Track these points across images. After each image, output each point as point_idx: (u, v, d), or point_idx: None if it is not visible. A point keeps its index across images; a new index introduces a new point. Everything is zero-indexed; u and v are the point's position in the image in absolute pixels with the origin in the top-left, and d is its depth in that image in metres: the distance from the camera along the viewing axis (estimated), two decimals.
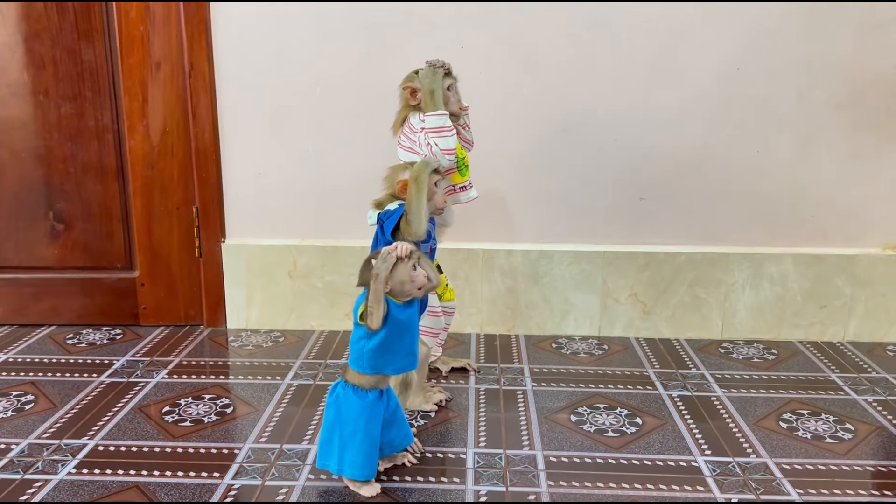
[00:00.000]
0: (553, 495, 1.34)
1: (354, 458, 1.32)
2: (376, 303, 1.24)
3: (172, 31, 2.04)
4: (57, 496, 1.34)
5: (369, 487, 1.34)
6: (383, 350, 1.28)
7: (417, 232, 1.47)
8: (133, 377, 1.86)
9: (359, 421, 1.31)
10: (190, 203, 2.15)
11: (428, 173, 1.48)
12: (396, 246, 1.26)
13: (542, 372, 1.91)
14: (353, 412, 1.31)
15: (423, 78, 1.62)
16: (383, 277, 1.24)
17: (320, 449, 1.36)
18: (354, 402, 1.31)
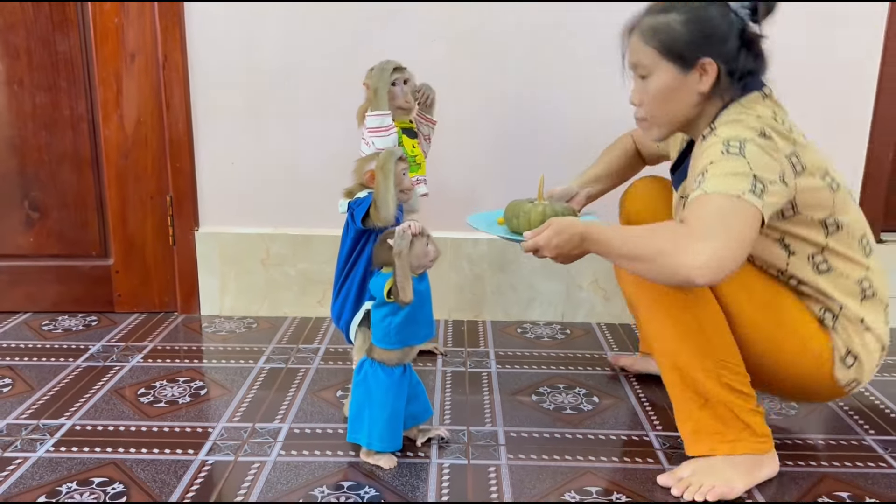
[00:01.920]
0: (511, 467, 1.42)
1: (383, 431, 1.40)
2: (405, 277, 1.33)
3: (146, 23, 2.08)
4: (36, 472, 1.39)
5: (386, 459, 1.43)
6: (408, 322, 1.37)
7: (386, 217, 1.53)
8: (109, 361, 1.91)
9: (387, 396, 1.40)
10: (164, 192, 2.19)
11: (394, 161, 1.54)
12: (410, 224, 1.35)
13: (506, 355, 1.99)
14: (381, 388, 1.40)
15: (372, 76, 1.70)
16: (406, 253, 1.32)
17: (350, 425, 1.44)
18: (383, 379, 1.40)
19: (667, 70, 1.35)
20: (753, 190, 1.22)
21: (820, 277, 1.38)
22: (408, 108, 1.77)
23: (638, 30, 1.37)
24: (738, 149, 1.25)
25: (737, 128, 1.29)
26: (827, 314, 1.39)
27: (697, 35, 1.32)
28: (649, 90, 1.38)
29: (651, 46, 1.34)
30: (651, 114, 1.40)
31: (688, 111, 1.38)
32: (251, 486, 1.35)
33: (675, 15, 1.33)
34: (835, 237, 1.37)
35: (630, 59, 1.41)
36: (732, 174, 1.23)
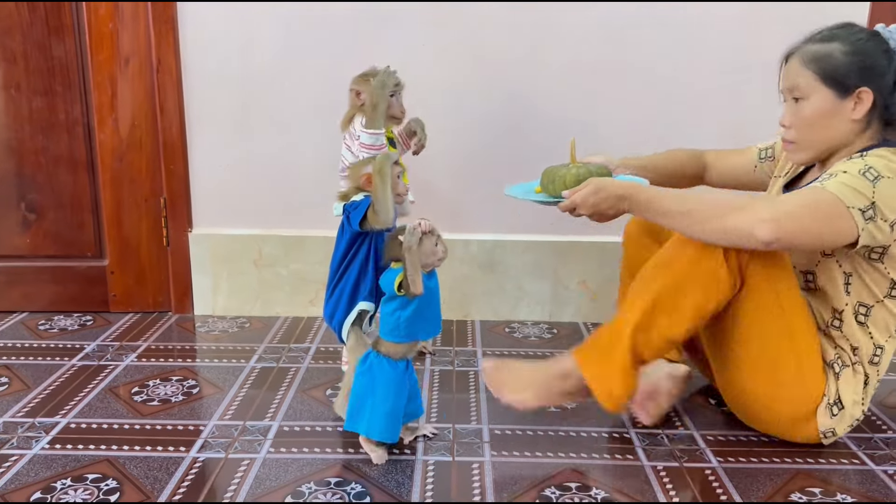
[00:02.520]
0: (494, 464, 1.46)
1: (383, 422, 1.44)
2: (416, 271, 1.37)
3: (140, 28, 2.12)
4: (31, 469, 1.43)
5: (381, 454, 1.47)
6: (417, 317, 1.42)
7: (385, 220, 1.56)
8: (103, 360, 1.95)
9: (390, 388, 1.44)
10: (158, 194, 2.23)
11: (390, 164, 1.57)
12: (420, 222, 1.39)
13: (494, 355, 2.03)
14: (385, 379, 1.44)
15: (373, 89, 1.72)
16: (416, 248, 1.37)
17: (350, 412, 1.48)
18: (388, 371, 1.44)
19: (823, 95, 1.40)
20: (864, 212, 1.30)
21: (855, 325, 1.44)
22: (401, 118, 1.82)
23: (799, 54, 1.43)
24: (873, 177, 1.31)
25: (883, 161, 1.34)
26: (839, 360, 1.46)
27: (858, 65, 1.38)
28: (803, 113, 1.43)
29: (811, 70, 1.40)
30: (801, 137, 1.46)
31: (838, 138, 1.43)
32: (240, 482, 1.39)
33: (837, 44, 1.39)
34: (891, 300, 1.43)
35: (786, 82, 1.46)
36: (855, 189, 1.31)
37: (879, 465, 1.49)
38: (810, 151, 1.46)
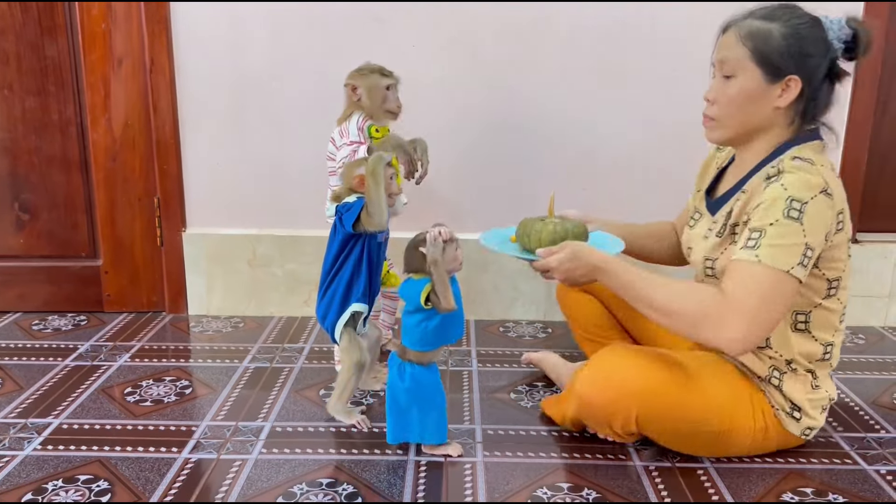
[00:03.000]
0: (486, 464, 1.46)
1: (436, 425, 1.46)
2: (445, 285, 1.37)
3: (133, 28, 2.11)
4: (23, 470, 1.43)
5: (453, 447, 1.49)
6: (445, 325, 1.42)
7: (380, 222, 1.55)
8: (97, 361, 1.95)
9: (436, 393, 1.46)
10: (151, 194, 2.23)
11: (383, 166, 1.57)
12: (440, 231, 1.38)
13: (487, 354, 2.03)
14: (431, 386, 1.45)
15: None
16: (441, 261, 1.36)
17: (395, 426, 1.48)
18: (429, 378, 1.45)
19: (753, 75, 1.37)
20: (802, 262, 1.28)
21: (792, 335, 1.42)
22: (397, 113, 1.80)
23: (736, 28, 1.39)
24: (798, 211, 1.28)
25: (803, 179, 1.29)
26: (774, 372, 1.44)
27: (794, 50, 1.35)
28: (729, 91, 1.40)
29: (745, 47, 1.37)
30: (722, 114, 1.42)
31: (759, 122, 1.41)
32: (232, 483, 1.39)
33: (777, 25, 1.36)
34: (830, 300, 1.41)
35: (719, 54, 1.43)
36: (787, 246, 1.27)
37: (871, 464, 1.49)
38: (729, 131, 1.43)
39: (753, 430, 1.43)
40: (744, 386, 1.44)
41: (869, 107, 2.13)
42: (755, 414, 1.43)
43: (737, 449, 1.47)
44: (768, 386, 1.44)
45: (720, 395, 1.41)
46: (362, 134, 1.79)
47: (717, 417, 1.41)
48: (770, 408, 1.44)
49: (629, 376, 1.38)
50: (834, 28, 1.36)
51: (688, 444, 1.45)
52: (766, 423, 1.44)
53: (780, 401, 1.44)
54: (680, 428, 1.41)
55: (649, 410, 1.39)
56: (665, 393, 1.38)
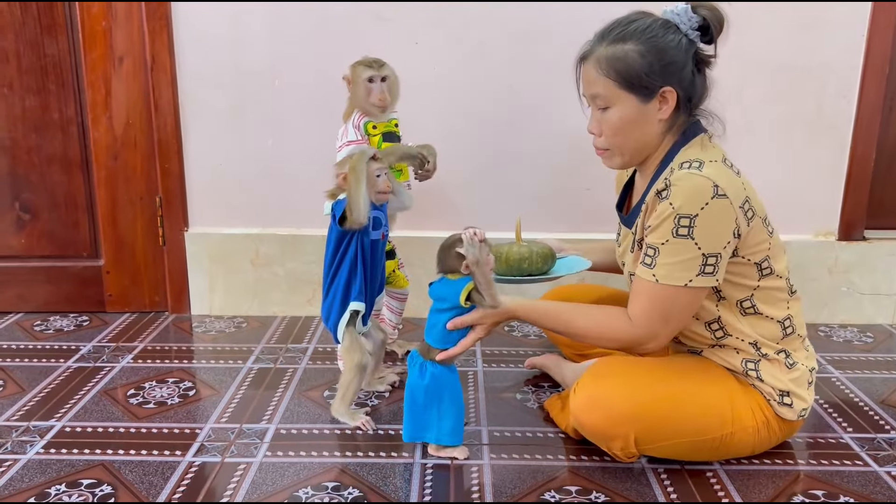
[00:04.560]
0: (494, 466, 1.45)
1: (453, 426, 1.45)
2: (489, 284, 1.38)
3: (134, 26, 2.09)
4: (26, 474, 1.41)
5: (460, 450, 1.48)
6: None
7: (357, 219, 1.53)
8: (99, 362, 1.93)
9: (455, 393, 1.45)
10: (153, 193, 2.21)
11: (364, 162, 1.55)
12: (475, 231, 1.37)
13: (493, 354, 2.01)
14: (450, 386, 1.45)
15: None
16: (483, 261, 1.36)
17: (412, 424, 1.47)
18: (450, 378, 1.45)
19: (628, 102, 1.36)
20: (703, 271, 1.30)
21: (744, 320, 1.41)
22: (382, 106, 1.75)
23: (593, 59, 1.37)
24: (686, 228, 1.28)
25: (690, 189, 1.28)
26: (749, 364, 1.42)
27: (657, 65, 1.33)
28: (609, 121, 1.39)
29: (609, 77, 1.35)
30: (612, 144, 1.41)
31: (650, 139, 1.40)
32: (237, 487, 1.38)
33: (632, 45, 1.33)
34: (767, 279, 1.40)
35: (586, 90, 1.41)
36: (682, 262, 1.29)
37: (883, 466, 1.48)
38: (625, 156, 1.42)
39: (756, 427, 1.42)
40: (736, 385, 1.42)
41: (877, 104, 2.11)
42: (753, 411, 1.41)
43: (742, 448, 1.45)
44: (749, 380, 1.42)
45: (716, 401, 1.39)
46: (359, 132, 1.77)
47: (717, 423, 1.39)
48: (765, 400, 1.42)
49: (619, 400, 1.36)
50: (683, 20, 1.35)
51: (692, 453, 1.43)
52: (765, 417, 1.42)
53: (769, 391, 1.41)
54: (681, 442, 1.39)
55: (646, 432, 1.37)
56: (659, 410, 1.36)
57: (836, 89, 2.11)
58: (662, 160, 1.40)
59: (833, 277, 2.23)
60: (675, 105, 1.36)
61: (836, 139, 2.15)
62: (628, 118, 1.37)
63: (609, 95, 1.36)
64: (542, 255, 1.60)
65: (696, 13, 1.35)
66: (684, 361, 1.47)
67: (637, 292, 1.36)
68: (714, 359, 1.45)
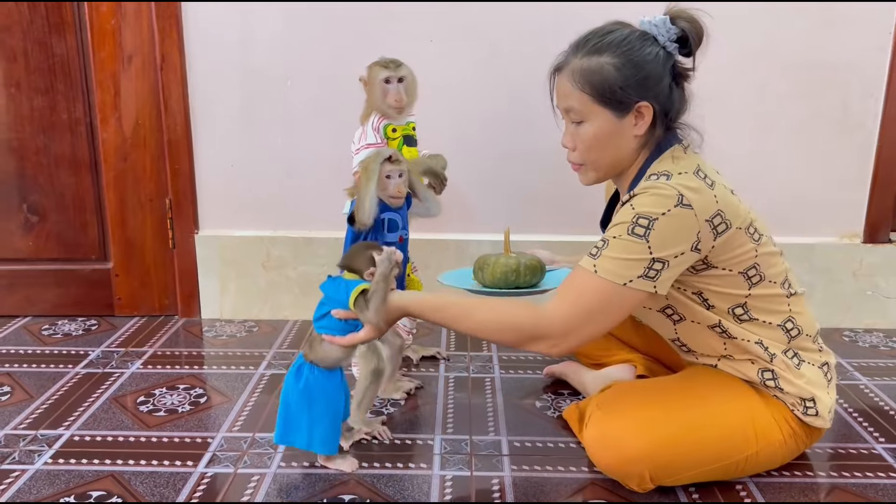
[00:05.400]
0: (515, 479, 1.40)
1: (325, 435, 1.38)
2: (382, 301, 1.29)
3: (143, 25, 2.05)
4: (33, 486, 1.37)
5: (348, 463, 1.42)
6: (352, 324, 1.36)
7: (361, 219, 1.50)
8: (108, 368, 1.89)
9: (329, 400, 1.38)
10: (163, 195, 2.17)
11: (378, 162, 1.51)
12: (396, 251, 1.31)
13: (509, 360, 1.96)
14: (323, 392, 1.37)
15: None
16: (392, 277, 1.30)
17: (281, 425, 1.40)
18: (324, 384, 1.38)
19: (602, 117, 1.30)
20: (646, 274, 1.23)
21: (742, 325, 1.35)
22: (398, 107, 1.71)
23: (568, 72, 1.32)
24: (644, 229, 1.22)
25: (653, 197, 1.23)
26: (765, 374, 1.36)
27: (633, 79, 1.27)
28: (584, 136, 1.33)
29: (584, 91, 1.30)
30: (587, 159, 1.36)
31: (625, 155, 1.34)
32: (251, 499, 1.33)
33: (607, 57, 1.28)
34: (758, 287, 1.34)
35: (560, 103, 1.36)
36: (626, 259, 1.23)
37: None
38: (600, 172, 1.37)
39: (782, 440, 1.36)
40: (757, 398, 1.36)
41: None
42: (779, 423, 1.36)
43: (770, 463, 1.40)
44: (770, 391, 1.37)
45: (737, 421, 1.33)
46: (378, 135, 1.72)
47: (740, 445, 1.33)
48: (789, 411, 1.37)
49: (631, 439, 1.30)
50: (661, 32, 1.29)
51: (716, 476, 1.37)
52: (791, 429, 1.37)
53: (793, 401, 1.36)
54: (702, 471, 1.33)
55: (663, 468, 1.31)
56: (676, 443, 1.30)
57: (862, 88, 2.06)
58: (636, 175, 1.35)
59: (858, 280, 2.17)
60: (651, 120, 1.30)
61: (862, 139, 2.09)
62: (603, 133, 1.31)
63: (583, 110, 1.31)
64: (531, 267, 1.55)
65: (674, 24, 1.29)
66: (699, 379, 1.41)
67: (568, 282, 1.27)
68: (730, 371, 1.39)
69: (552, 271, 1.64)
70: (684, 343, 1.43)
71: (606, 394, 1.41)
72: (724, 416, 1.33)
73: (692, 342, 1.42)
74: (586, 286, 1.25)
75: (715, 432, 1.32)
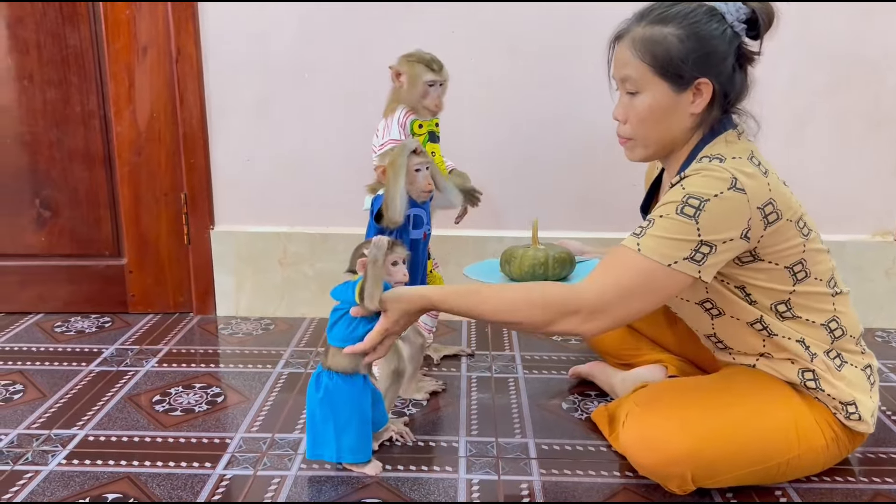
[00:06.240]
0: (545, 483, 1.35)
1: (353, 443, 1.34)
2: (375, 284, 1.26)
3: (159, 15, 2.01)
4: (48, 487, 1.33)
5: (372, 466, 1.37)
6: None
7: (392, 217, 1.46)
8: (122, 366, 1.85)
9: (353, 407, 1.33)
10: (178, 189, 2.13)
11: (405, 156, 1.47)
12: (389, 241, 1.30)
13: (533, 359, 1.91)
14: (346, 399, 1.33)
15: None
16: (380, 262, 1.27)
17: (311, 440, 1.36)
18: (345, 389, 1.33)
19: (659, 89, 1.25)
20: (692, 257, 1.17)
21: (784, 322, 1.30)
22: (437, 111, 1.69)
23: (629, 39, 1.26)
24: (694, 209, 1.16)
25: (705, 179, 1.18)
26: (806, 375, 1.30)
27: (695, 53, 1.22)
28: (637, 108, 1.27)
29: (643, 61, 1.24)
30: (637, 133, 1.30)
31: (677, 133, 1.29)
32: (271, 502, 1.29)
33: (672, 28, 1.22)
34: (803, 284, 1.28)
35: (617, 72, 1.30)
36: (673, 239, 1.17)
37: None
38: (649, 149, 1.31)
39: (825, 444, 1.31)
40: (799, 401, 1.31)
41: None
42: (822, 427, 1.30)
43: (811, 468, 1.34)
44: (811, 392, 1.31)
45: (779, 423, 1.28)
46: (404, 131, 1.67)
47: (782, 448, 1.27)
48: (832, 414, 1.31)
49: (674, 440, 1.24)
50: (731, 10, 1.23)
51: (755, 481, 1.32)
52: (834, 433, 1.31)
53: (835, 405, 1.30)
54: (743, 473, 1.28)
55: (705, 468, 1.25)
56: (718, 444, 1.24)
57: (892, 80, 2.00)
58: (687, 157, 1.29)
59: (890, 280, 2.11)
60: (709, 99, 1.24)
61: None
62: (658, 107, 1.26)
63: (640, 80, 1.25)
64: (560, 259, 1.49)
65: (745, 4, 1.24)
66: (739, 379, 1.36)
67: (609, 259, 1.22)
68: (769, 371, 1.34)
69: (583, 262, 1.58)
70: (721, 339, 1.38)
71: (643, 393, 1.36)
72: (767, 416, 1.28)
73: (730, 339, 1.36)
74: (628, 264, 1.19)
75: (758, 433, 1.27)
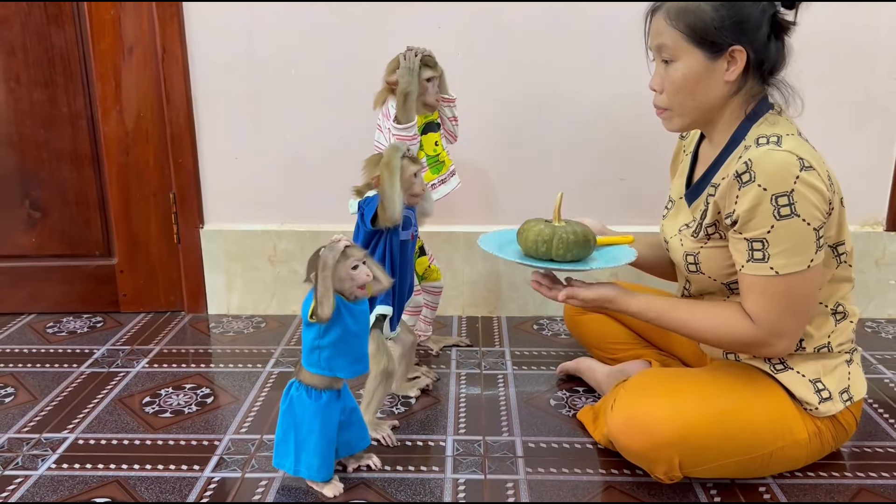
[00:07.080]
0: (530, 482, 1.36)
1: (311, 459, 1.31)
2: (327, 291, 1.21)
3: (144, 15, 2.00)
4: (37, 493, 1.34)
5: (331, 487, 1.33)
6: (338, 350, 1.27)
7: (392, 216, 1.46)
8: (113, 367, 1.86)
9: (314, 422, 1.30)
10: (167, 189, 2.13)
11: (398, 157, 1.47)
12: (342, 238, 1.25)
13: (522, 355, 1.92)
14: (307, 413, 1.30)
15: (401, 77, 1.62)
16: (331, 265, 1.21)
17: (276, 448, 1.34)
18: (308, 404, 1.30)
19: (694, 57, 1.25)
20: (819, 246, 1.20)
21: None
22: (435, 107, 1.71)
23: (664, 9, 1.27)
24: (789, 207, 1.17)
25: (775, 166, 1.18)
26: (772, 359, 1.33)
27: (730, 20, 1.22)
28: (673, 77, 1.28)
29: (678, 30, 1.25)
30: (674, 102, 1.31)
31: (713, 102, 1.29)
32: None
33: None
34: (840, 269, 1.31)
35: (653, 41, 1.31)
36: (798, 245, 1.19)
37: None
38: (686, 118, 1.32)
39: (807, 439, 1.31)
40: (785, 395, 1.31)
41: None
42: (805, 422, 1.31)
43: (794, 462, 1.35)
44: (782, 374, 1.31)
45: (767, 414, 1.29)
46: None
47: (768, 439, 1.29)
48: None
49: (662, 422, 1.25)
50: None
51: (740, 472, 1.33)
52: (816, 427, 1.32)
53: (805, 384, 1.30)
54: (729, 462, 1.29)
55: (692, 455, 1.26)
56: (706, 431, 1.26)
57: (886, 69, 1.99)
58: (733, 135, 1.30)
59: (881, 270, 2.11)
60: (743, 66, 1.25)
61: (886, 123, 2.03)
62: (693, 75, 1.26)
63: (675, 48, 1.26)
64: (565, 241, 1.35)
65: None
66: (729, 371, 1.36)
67: (752, 289, 1.24)
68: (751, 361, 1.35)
69: (601, 249, 1.48)
70: None
71: (632, 380, 1.37)
72: (755, 407, 1.29)
73: None
74: (775, 289, 1.22)
75: (745, 423, 1.28)
